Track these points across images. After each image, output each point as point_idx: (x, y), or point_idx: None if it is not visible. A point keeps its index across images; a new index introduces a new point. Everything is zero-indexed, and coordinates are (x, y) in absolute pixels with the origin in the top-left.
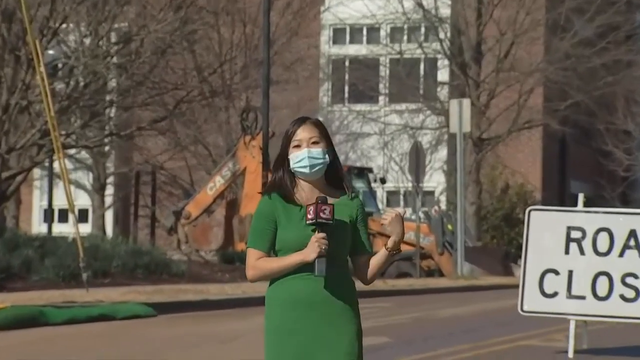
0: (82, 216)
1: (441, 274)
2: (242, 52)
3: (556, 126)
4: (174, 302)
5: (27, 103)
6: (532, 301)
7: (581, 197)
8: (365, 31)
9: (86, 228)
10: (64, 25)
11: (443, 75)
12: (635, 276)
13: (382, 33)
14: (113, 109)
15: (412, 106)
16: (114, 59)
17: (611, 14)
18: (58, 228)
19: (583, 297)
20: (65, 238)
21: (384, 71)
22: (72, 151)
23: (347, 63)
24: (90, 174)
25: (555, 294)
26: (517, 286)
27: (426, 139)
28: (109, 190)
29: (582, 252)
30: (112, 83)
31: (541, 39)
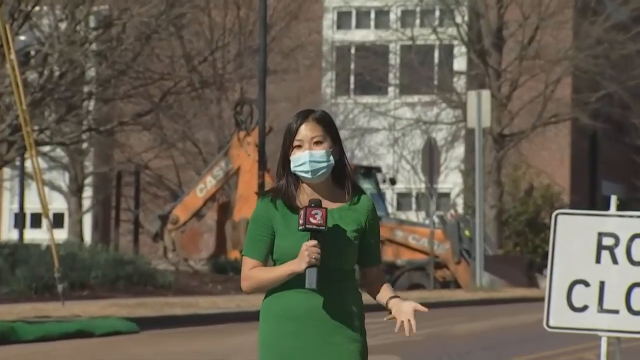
0: (58, 221)
1: (458, 286)
2: (236, 38)
3: (586, 120)
4: (160, 317)
5: None
6: (559, 316)
7: (614, 200)
8: (373, 15)
9: (62, 234)
10: (37, 8)
11: (460, 64)
12: None
13: (392, 17)
14: (92, 102)
15: (426, 98)
16: (93, 46)
17: None
18: (30, 234)
19: (616, 312)
20: (38, 245)
21: (394, 59)
22: (46, 148)
23: (353, 50)
24: (66, 174)
25: (584, 308)
26: (542, 299)
27: (441, 135)
28: (88, 192)
29: (615, 261)
30: (91, 72)
31: (569, 23)
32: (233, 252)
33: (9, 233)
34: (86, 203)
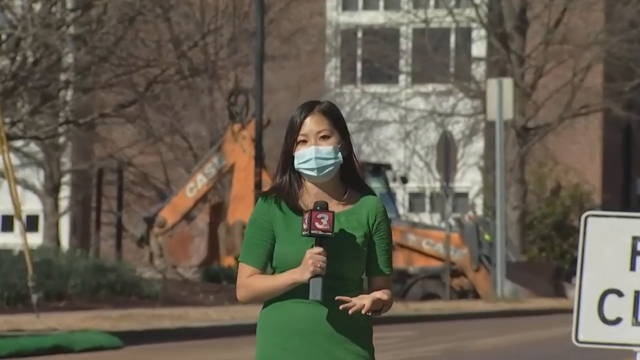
0: (32, 224)
1: (476, 296)
2: (230, 21)
3: (619, 112)
4: (146, 331)
5: None
6: (590, 329)
7: None
8: None
9: (36, 238)
10: None
11: (479, 49)
12: None
13: None
14: (69, 91)
15: (441, 87)
16: (71, 29)
17: None
18: (1, 238)
19: None
20: (10, 251)
21: (406, 44)
22: (19, 143)
23: (360, 34)
24: (41, 172)
25: (618, 321)
26: (571, 311)
27: (458, 128)
28: (65, 191)
29: None
30: (69, 59)
31: (600, 4)
32: (227, 259)
33: None
34: (63, 204)
